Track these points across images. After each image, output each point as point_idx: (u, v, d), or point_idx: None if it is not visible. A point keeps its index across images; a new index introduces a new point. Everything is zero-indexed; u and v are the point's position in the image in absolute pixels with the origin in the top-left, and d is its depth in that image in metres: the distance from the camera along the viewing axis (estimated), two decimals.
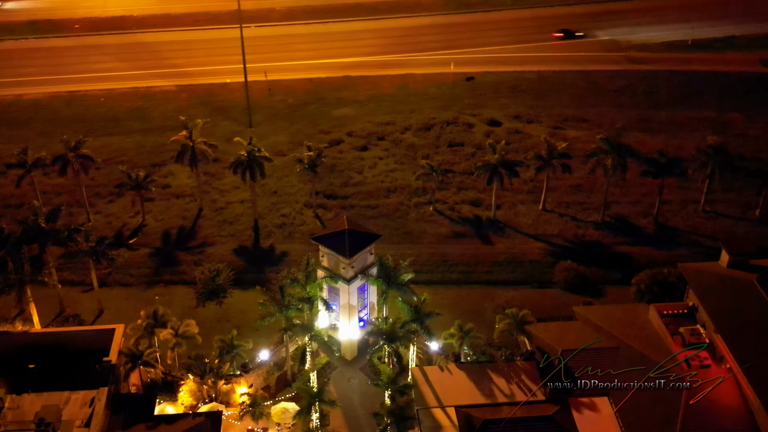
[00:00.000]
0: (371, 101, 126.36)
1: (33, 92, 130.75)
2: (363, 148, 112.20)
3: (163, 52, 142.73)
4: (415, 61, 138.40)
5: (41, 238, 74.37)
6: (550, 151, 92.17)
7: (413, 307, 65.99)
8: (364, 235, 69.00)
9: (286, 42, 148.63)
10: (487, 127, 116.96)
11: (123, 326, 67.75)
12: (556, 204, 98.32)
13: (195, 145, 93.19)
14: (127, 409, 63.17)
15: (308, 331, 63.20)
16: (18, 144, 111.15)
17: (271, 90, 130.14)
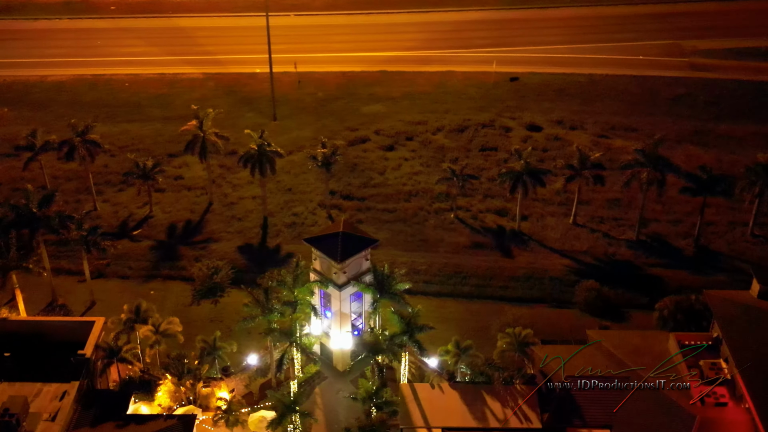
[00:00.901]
0: (405, 99, 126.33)
1: (58, 74, 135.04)
2: (389, 148, 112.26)
3: (196, 38, 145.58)
4: (457, 58, 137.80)
5: (32, 224, 76.56)
6: (582, 160, 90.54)
7: (403, 318, 65.56)
8: (359, 240, 69.01)
9: (324, 33, 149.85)
10: (525, 132, 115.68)
11: (103, 319, 69.44)
12: (588, 218, 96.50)
13: (206, 136, 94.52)
14: (98, 406, 64.62)
15: (288, 337, 63.44)
16: (37, 126, 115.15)
17: (301, 82, 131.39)
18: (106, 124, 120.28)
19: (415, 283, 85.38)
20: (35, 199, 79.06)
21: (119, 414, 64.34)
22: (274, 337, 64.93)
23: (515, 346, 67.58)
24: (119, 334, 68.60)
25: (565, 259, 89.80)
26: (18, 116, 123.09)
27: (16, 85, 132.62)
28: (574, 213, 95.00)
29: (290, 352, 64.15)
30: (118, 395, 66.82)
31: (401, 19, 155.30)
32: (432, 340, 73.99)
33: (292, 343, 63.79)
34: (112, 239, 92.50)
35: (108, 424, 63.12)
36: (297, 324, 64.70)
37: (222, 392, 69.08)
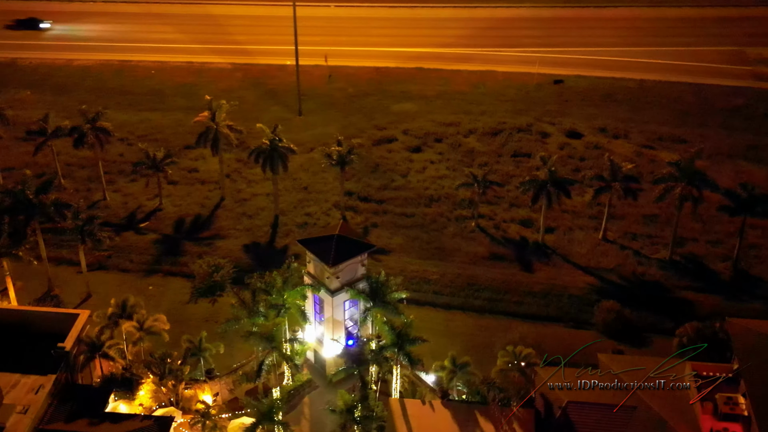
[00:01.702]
0: (439, 98, 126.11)
1: (84, 58, 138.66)
2: (416, 149, 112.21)
3: (227, 27, 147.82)
4: (499, 57, 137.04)
5: (28, 211, 78.71)
6: (613, 171, 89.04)
7: (394, 329, 65.42)
8: (354, 244, 69.08)
9: (362, 25, 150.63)
10: (564, 139, 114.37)
11: (88, 312, 70.89)
12: (620, 234, 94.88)
13: (218, 129, 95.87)
14: (76, 401, 65.97)
15: (270, 342, 63.88)
16: (58, 111, 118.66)
17: (332, 77, 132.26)
18: (128, 112, 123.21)
19: (424, 294, 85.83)
20: (34, 185, 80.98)
21: (96, 411, 65.52)
22: (254, 341, 65.39)
23: (515, 366, 66.71)
24: (103, 329, 69.91)
25: (589, 276, 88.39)
26: (40, 100, 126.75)
27: (42, 68, 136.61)
28: (603, 228, 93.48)
29: (271, 357, 64.48)
30: (98, 392, 68.07)
31: (445, 14, 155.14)
32: (434, 354, 73.70)
33: (274, 348, 64.12)
34: (116, 230, 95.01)
35: (82, 420, 64.34)
36: (279, 329, 64.96)
37: (205, 395, 69.86)
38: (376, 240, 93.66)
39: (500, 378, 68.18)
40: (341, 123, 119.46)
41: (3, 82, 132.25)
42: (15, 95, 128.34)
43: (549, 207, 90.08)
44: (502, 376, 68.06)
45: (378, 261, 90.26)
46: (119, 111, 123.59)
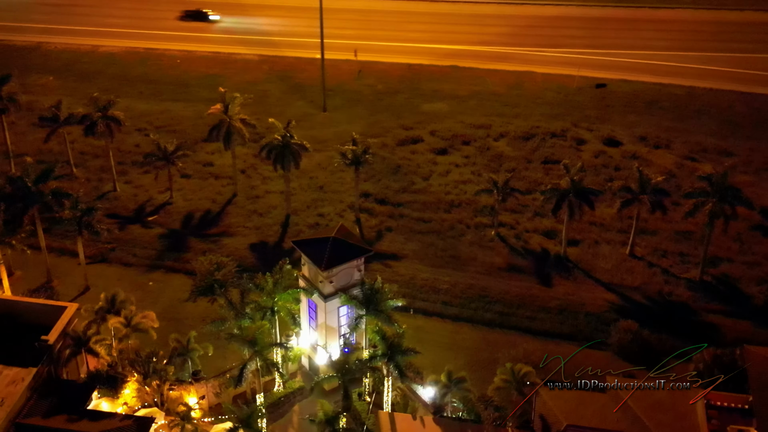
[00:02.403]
0: (472, 98, 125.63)
1: (111, 44, 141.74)
2: (441, 151, 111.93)
3: (258, 17, 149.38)
4: (540, 58, 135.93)
5: (26, 199, 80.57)
6: (642, 183, 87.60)
7: (385, 339, 65.31)
8: (351, 248, 69.15)
9: (400, 19, 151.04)
10: (600, 147, 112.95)
11: (76, 306, 72.28)
12: (649, 250, 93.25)
13: (231, 122, 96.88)
14: (57, 396, 67.27)
15: (251, 345, 64.28)
16: (78, 98, 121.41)
17: (362, 72, 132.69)
18: (149, 102, 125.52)
19: (432, 303, 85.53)
20: (34, 172, 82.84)
21: (76, 408, 66.70)
22: (236, 344, 65.89)
23: (513, 384, 66.05)
24: (90, 324, 71.13)
25: (611, 294, 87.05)
26: (62, 86, 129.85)
27: (66, 54, 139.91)
28: (631, 243, 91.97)
29: (253, 362, 64.93)
30: (81, 388, 69.26)
31: (488, 10, 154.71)
32: (435, 368, 73.28)
33: (257, 353, 64.53)
34: (122, 223, 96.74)
35: (61, 416, 65.51)
36: (263, 333, 65.33)
37: (191, 398, 70.61)
38: (389, 245, 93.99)
39: (498, 396, 67.49)
40: (367, 121, 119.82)
41: (27, 67, 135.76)
42: (38, 80, 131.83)
43: (571, 218, 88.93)
44: (499, 394, 67.35)
45: (388, 267, 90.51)
46: (141, 100, 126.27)
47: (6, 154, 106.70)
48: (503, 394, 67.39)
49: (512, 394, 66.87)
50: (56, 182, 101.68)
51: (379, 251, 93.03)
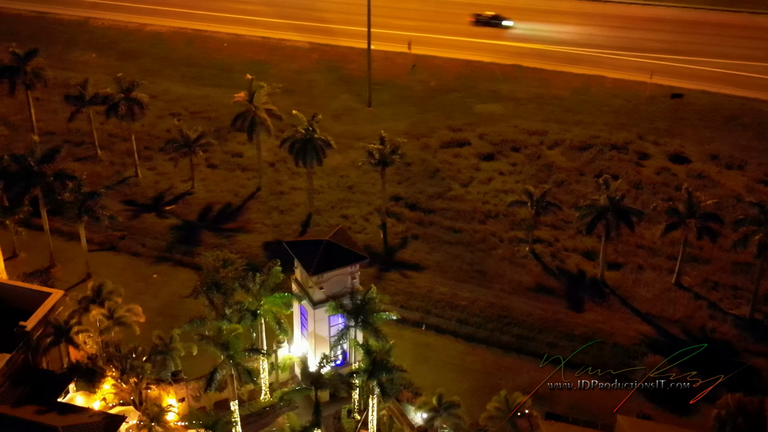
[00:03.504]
0: (532, 101, 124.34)
1: (158, 23, 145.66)
2: (487, 157, 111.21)
3: (319, 2, 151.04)
4: (613, 61, 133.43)
5: (28, 179, 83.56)
6: (689, 206, 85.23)
7: (368, 353, 65.35)
8: (344, 253, 69.33)
9: (466, 12, 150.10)
10: (665, 163, 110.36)
11: (61, 293, 74.67)
12: (700, 280, 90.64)
13: (256, 112, 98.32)
14: (31, 386, 69.59)
15: (224, 348, 65.16)
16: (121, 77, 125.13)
17: (416, 67, 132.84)
18: (189, 86, 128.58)
19: (447, 320, 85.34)
20: (40, 152, 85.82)
21: (48, 399, 68.86)
22: (207, 346, 66.89)
23: (505, 414, 65.28)
24: (73, 313, 73.28)
25: (647, 325, 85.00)
26: (104, 64, 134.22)
27: (112, 31, 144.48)
28: (677, 271, 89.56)
29: (225, 367, 65.82)
30: (57, 379, 71.38)
31: (565, 7, 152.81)
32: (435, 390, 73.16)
33: (230, 357, 65.40)
34: (137, 211, 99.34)
35: (31, 407, 67.65)
36: (238, 337, 66.15)
37: (170, 399, 72.04)
38: (411, 254, 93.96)
39: (492, 425, 66.79)
40: (413, 119, 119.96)
41: (71, 42, 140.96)
42: (80, 57, 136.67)
43: (608, 238, 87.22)
44: (493, 423, 66.63)
45: (406, 277, 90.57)
46: (181, 83, 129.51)
47: (35, 130, 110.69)
48: (497, 423, 66.65)
49: (506, 427, 66.07)
50: (78, 164, 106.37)
51: (400, 260, 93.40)
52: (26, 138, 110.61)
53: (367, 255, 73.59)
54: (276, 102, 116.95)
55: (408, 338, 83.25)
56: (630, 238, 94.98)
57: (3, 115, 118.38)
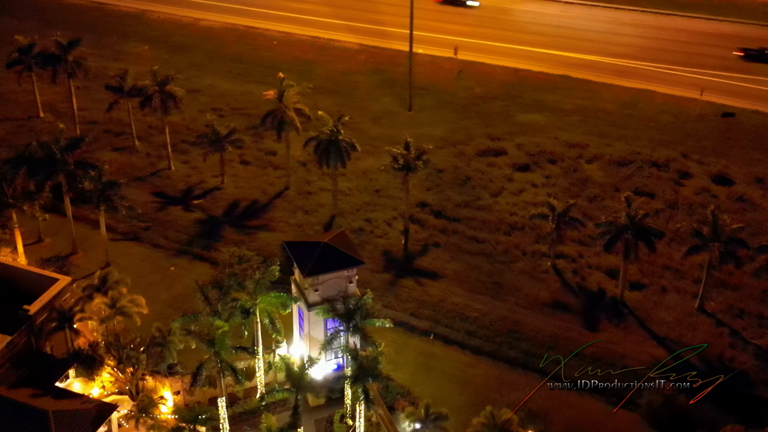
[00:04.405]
0: (576, 113, 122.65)
1: (212, 19, 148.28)
2: (522, 168, 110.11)
3: (377, 5, 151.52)
4: (666, 76, 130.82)
5: (49, 166, 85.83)
6: (714, 228, 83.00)
7: (355, 359, 65.32)
8: (341, 257, 69.47)
9: (523, 19, 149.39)
10: (707, 184, 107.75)
11: (68, 279, 76.56)
12: (724, 306, 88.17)
13: (285, 111, 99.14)
14: (30, 369, 71.48)
15: (210, 345, 65.86)
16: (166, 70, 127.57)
17: (462, 73, 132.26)
18: (234, 82, 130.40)
19: (455, 331, 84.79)
20: (64, 140, 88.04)
21: (45, 383, 70.62)
22: (192, 341, 67.67)
23: (491, 430, 64.58)
24: (78, 301, 75.01)
25: (662, 349, 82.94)
26: (156, 56, 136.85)
27: (167, 24, 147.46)
28: (701, 295, 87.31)
29: (211, 364, 66.55)
30: (57, 364, 73.16)
31: (627, 18, 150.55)
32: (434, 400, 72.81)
33: (216, 354, 66.09)
34: (164, 203, 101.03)
35: (27, 389, 69.45)
36: (225, 334, 66.79)
37: (166, 391, 73.18)
38: (431, 262, 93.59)
39: None
40: (452, 126, 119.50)
41: (126, 34, 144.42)
42: (133, 48, 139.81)
43: (626, 258, 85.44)
44: None
45: (420, 285, 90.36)
46: (227, 79, 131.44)
47: (77, 119, 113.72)
48: None
49: None
50: (116, 153, 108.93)
51: (418, 267, 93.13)
52: (68, 125, 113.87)
53: (364, 260, 73.61)
54: (317, 102, 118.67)
55: (414, 347, 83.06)
56: (657, 258, 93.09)
57: (51, 102, 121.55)
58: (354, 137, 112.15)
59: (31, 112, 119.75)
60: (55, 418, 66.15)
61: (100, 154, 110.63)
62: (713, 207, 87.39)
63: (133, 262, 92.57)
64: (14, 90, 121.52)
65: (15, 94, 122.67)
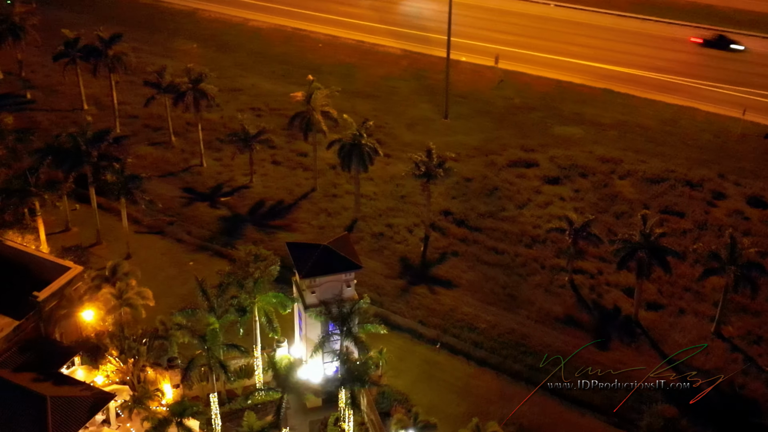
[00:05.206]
0: (614, 128, 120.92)
1: (261, 20, 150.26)
2: (552, 180, 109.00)
3: (424, 11, 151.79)
4: (711, 94, 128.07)
5: (74, 158, 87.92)
6: (731, 250, 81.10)
7: (343, 362, 65.50)
8: (339, 260, 69.80)
9: (571, 30, 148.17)
10: (740, 205, 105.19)
11: (80, 269, 78.27)
12: (742, 332, 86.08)
13: (312, 113, 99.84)
14: (36, 354, 73.35)
15: (202, 341, 66.66)
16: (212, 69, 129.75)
17: (503, 82, 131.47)
18: (277, 83, 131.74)
19: (462, 342, 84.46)
20: (91, 133, 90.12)
21: (50, 368, 72.38)
22: (177, 336, 68.55)
23: None
24: (87, 290, 76.61)
25: (670, 371, 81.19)
26: (203, 54, 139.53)
27: (217, 23, 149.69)
28: (717, 319, 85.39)
29: (200, 360, 67.37)
30: (62, 351, 74.97)
31: (677, 33, 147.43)
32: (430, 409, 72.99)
33: (208, 350, 66.89)
34: (192, 198, 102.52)
35: (29, 374, 71.33)
36: (216, 331, 67.52)
37: (165, 384, 74.34)
38: (447, 271, 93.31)
39: None
40: (486, 135, 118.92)
41: (177, 31, 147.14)
42: (182, 46, 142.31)
43: (640, 277, 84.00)
44: None
45: (433, 293, 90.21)
46: (269, 79, 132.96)
47: (117, 113, 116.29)
48: None
49: None
50: (152, 148, 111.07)
51: (434, 275, 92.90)
52: (109, 118, 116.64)
53: (361, 264, 73.73)
54: (354, 105, 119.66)
55: (419, 354, 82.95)
56: (678, 280, 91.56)
57: (95, 95, 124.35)
58: (386, 142, 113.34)
59: (76, 104, 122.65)
60: (52, 404, 67.92)
61: (136, 148, 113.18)
62: (731, 230, 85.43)
63: (154, 255, 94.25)
64: (63, 82, 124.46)
65: (63, 86, 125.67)
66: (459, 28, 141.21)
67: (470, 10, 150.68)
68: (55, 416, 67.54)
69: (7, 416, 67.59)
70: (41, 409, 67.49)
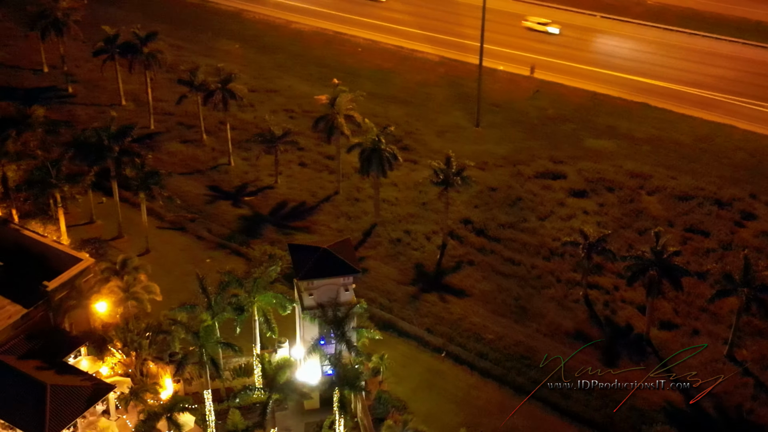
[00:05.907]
0: (648, 143, 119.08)
1: (303, 22, 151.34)
2: (578, 194, 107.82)
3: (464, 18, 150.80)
4: (750, 112, 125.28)
5: (96, 152, 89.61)
6: (745, 273, 79.38)
7: (335, 366, 65.66)
8: (337, 264, 69.97)
9: (613, 43, 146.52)
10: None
11: (92, 261, 79.77)
12: (757, 356, 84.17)
13: (336, 117, 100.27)
14: (42, 342, 74.95)
15: (196, 337, 67.29)
16: (252, 69, 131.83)
17: (538, 93, 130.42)
18: (313, 85, 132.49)
19: (467, 352, 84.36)
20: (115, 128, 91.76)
21: (54, 357, 73.90)
22: (178, 331, 69.26)
23: None
24: (96, 282, 78.05)
25: (678, 393, 79.75)
26: (244, 55, 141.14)
27: (260, 25, 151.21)
28: (730, 342, 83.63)
29: (194, 356, 68.02)
30: (68, 340, 76.48)
31: (725, 49, 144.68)
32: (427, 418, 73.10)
33: (201, 347, 67.56)
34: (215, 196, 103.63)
35: (34, 361, 73.00)
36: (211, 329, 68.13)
37: (167, 378, 75.33)
38: (461, 280, 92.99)
39: None
40: (516, 145, 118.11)
41: (221, 31, 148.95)
42: (224, 45, 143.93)
43: (649, 295, 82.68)
44: None
45: (444, 301, 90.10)
46: (306, 82, 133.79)
47: (152, 109, 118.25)
48: None
49: None
50: (183, 146, 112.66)
51: (447, 283, 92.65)
52: (145, 115, 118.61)
53: (360, 269, 73.83)
54: (388, 111, 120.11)
55: (423, 362, 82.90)
56: (695, 300, 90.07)
57: (134, 91, 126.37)
58: (414, 148, 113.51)
59: (114, 100, 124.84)
60: (51, 391, 69.48)
61: (168, 144, 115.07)
62: (746, 251, 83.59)
63: (173, 250, 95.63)
64: (103, 77, 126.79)
65: (104, 81, 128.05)
66: (497, 36, 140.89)
67: (511, 18, 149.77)
68: (53, 404, 69.01)
69: (8, 402, 69.22)
70: (41, 396, 69.10)
